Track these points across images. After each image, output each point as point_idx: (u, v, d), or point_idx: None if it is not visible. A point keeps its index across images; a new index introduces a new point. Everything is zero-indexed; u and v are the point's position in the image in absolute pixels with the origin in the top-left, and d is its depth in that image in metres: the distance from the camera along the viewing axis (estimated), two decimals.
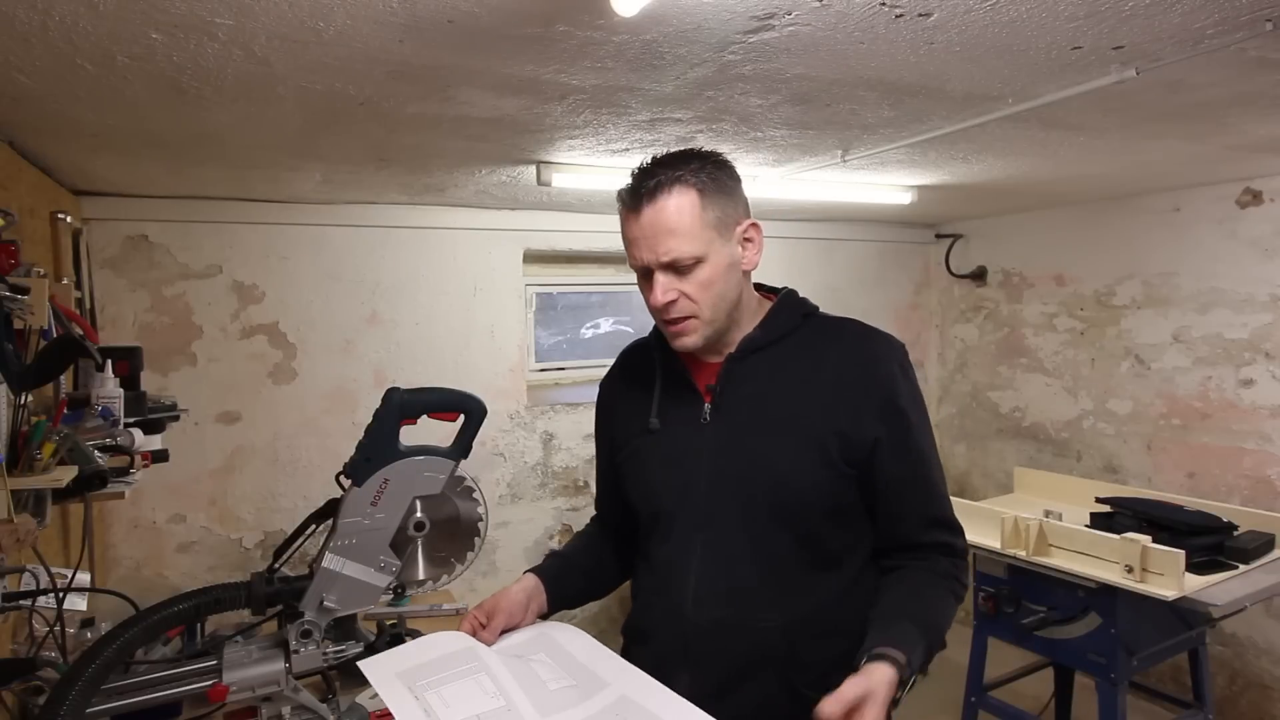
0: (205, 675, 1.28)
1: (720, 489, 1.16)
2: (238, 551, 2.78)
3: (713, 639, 1.16)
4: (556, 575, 1.32)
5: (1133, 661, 2.13)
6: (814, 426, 1.13)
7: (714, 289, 1.12)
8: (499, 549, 3.20)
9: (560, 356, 3.56)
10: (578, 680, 1.10)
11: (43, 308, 1.43)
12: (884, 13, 1.22)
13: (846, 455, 1.12)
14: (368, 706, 1.40)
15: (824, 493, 1.13)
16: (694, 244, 1.09)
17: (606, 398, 1.38)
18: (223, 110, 1.61)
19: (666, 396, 1.24)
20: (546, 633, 1.23)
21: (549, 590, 1.29)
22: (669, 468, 1.21)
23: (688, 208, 1.09)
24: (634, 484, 1.28)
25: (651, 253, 1.10)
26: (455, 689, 1.08)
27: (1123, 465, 3.32)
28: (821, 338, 1.20)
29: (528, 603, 1.25)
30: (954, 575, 1.16)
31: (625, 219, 1.14)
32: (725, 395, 1.18)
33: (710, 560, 1.17)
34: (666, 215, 1.09)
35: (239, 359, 2.76)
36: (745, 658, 1.15)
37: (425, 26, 1.21)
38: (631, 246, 1.13)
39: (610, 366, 1.41)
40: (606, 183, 2.39)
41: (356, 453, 1.30)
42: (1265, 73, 1.55)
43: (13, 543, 1.19)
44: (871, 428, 1.12)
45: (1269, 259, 2.83)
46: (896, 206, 3.09)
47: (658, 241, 1.09)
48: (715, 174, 1.12)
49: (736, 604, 1.15)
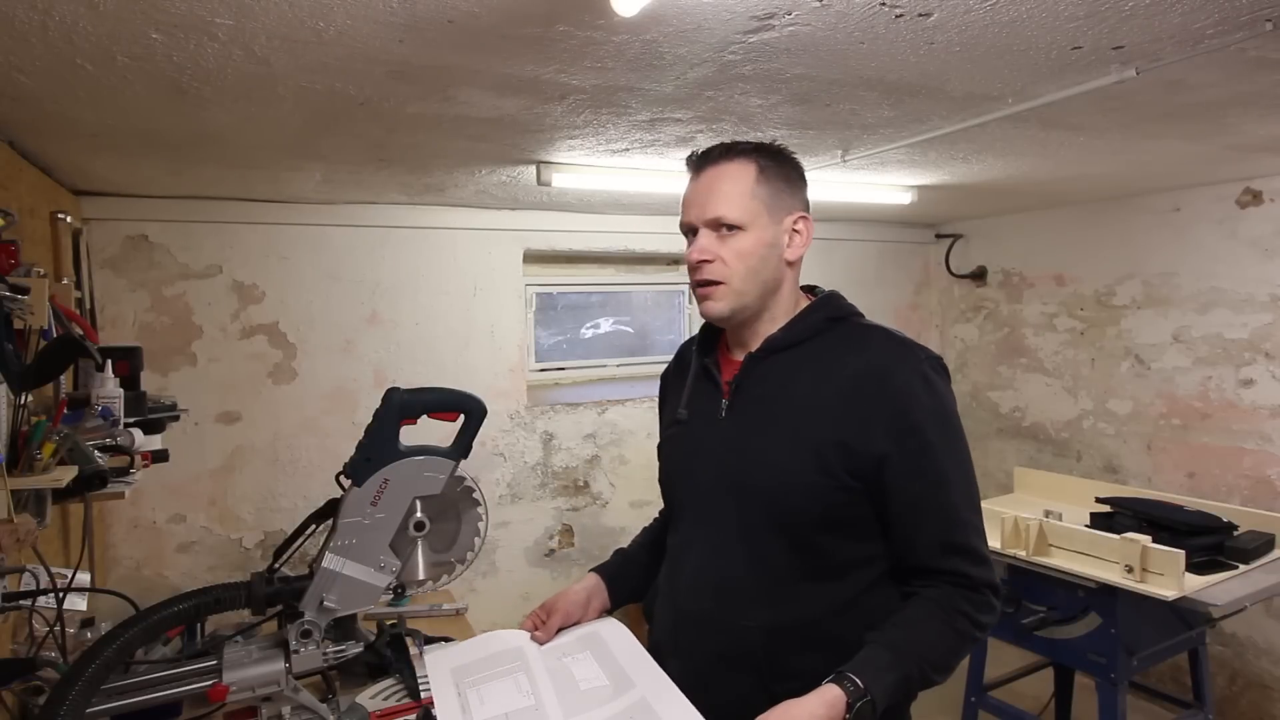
0: (205, 675, 1.28)
1: (721, 486, 1.17)
2: (238, 551, 2.78)
3: (697, 630, 1.18)
4: (616, 572, 1.37)
5: (1133, 661, 2.13)
6: (816, 433, 1.11)
7: (748, 261, 1.14)
8: (499, 549, 3.20)
9: (560, 356, 3.56)
10: (611, 680, 1.13)
11: (43, 308, 1.43)
12: (884, 13, 1.22)
13: (849, 466, 1.09)
14: (368, 706, 1.40)
15: (818, 500, 1.10)
16: (738, 211, 1.13)
17: (662, 390, 1.42)
18: (223, 110, 1.61)
19: (696, 389, 1.27)
20: (596, 630, 1.27)
21: (610, 587, 1.33)
22: (687, 459, 1.25)
23: (742, 177, 1.14)
24: (661, 473, 1.33)
25: (700, 209, 1.15)
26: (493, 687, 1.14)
27: (1123, 465, 3.32)
28: (844, 345, 1.17)
29: (588, 601, 1.30)
30: (962, 609, 1.08)
31: (687, 186, 1.20)
32: (740, 393, 1.19)
33: (705, 554, 1.19)
34: (721, 179, 1.15)
35: (239, 359, 2.76)
36: (725, 654, 1.16)
37: (425, 26, 1.21)
38: (684, 209, 1.19)
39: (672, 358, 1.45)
40: (606, 183, 2.39)
41: (356, 453, 1.30)
42: (1265, 73, 1.55)
43: (13, 543, 1.19)
44: (879, 443, 1.08)
45: (1269, 259, 2.83)
46: (896, 206, 3.09)
47: (707, 200, 1.15)
48: (780, 160, 1.18)
49: (721, 600, 1.16)
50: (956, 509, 1.11)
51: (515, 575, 3.24)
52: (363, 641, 1.39)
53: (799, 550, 1.13)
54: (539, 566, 3.27)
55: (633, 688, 1.10)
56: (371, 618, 1.82)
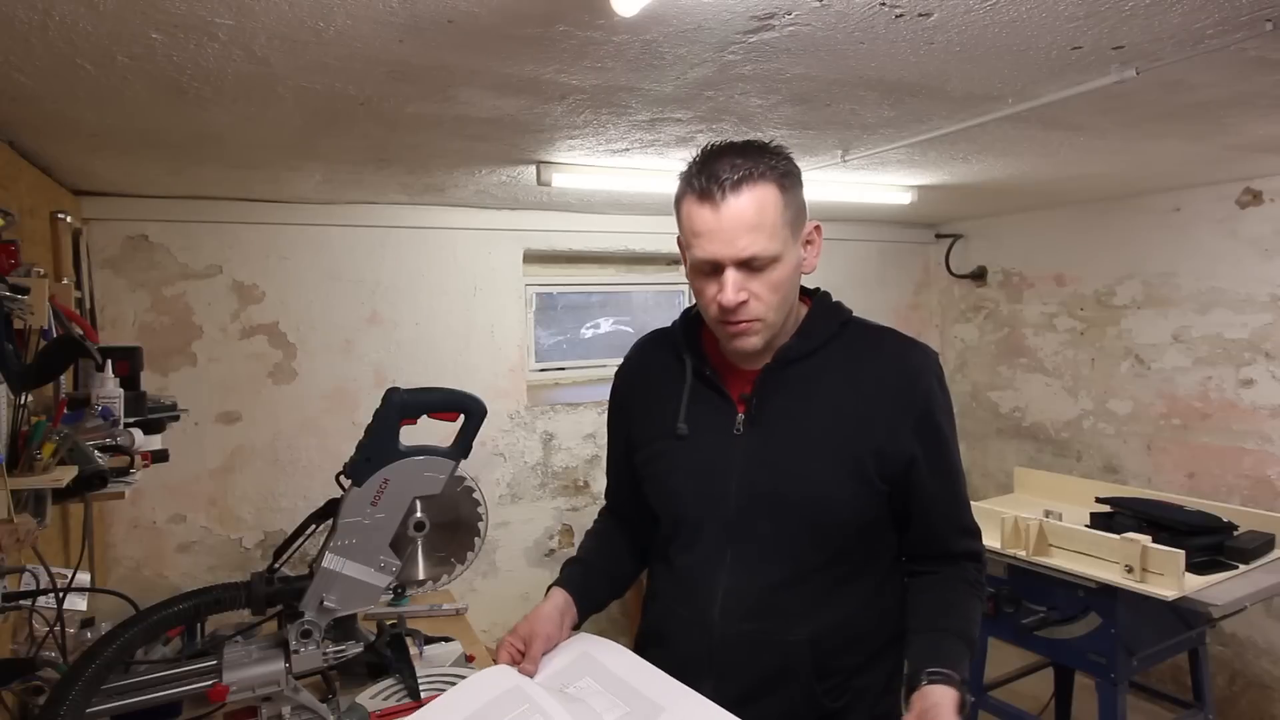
0: (205, 675, 1.28)
1: (754, 503, 1.13)
2: (238, 551, 2.78)
3: (739, 650, 1.14)
4: (583, 587, 1.28)
5: (1133, 661, 2.13)
6: (851, 444, 1.11)
7: (782, 291, 1.08)
8: (499, 549, 3.20)
9: (560, 356, 3.56)
10: (631, 706, 1.06)
11: (43, 308, 1.43)
12: (884, 13, 1.22)
13: (882, 471, 1.11)
14: (368, 706, 1.40)
15: (860, 510, 1.12)
16: (774, 242, 1.04)
17: (623, 390, 1.33)
18: (223, 110, 1.61)
19: (696, 401, 1.19)
20: (588, 652, 1.18)
21: (578, 604, 1.26)
22: (698, 477, 1.17)
23: (770, 204, 1.03)
24: (657, 489, 1.24)
25: (729, 247, 1.03)
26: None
27: (1123, 465, 3.32)
28: (859, 348, 1.17)
29: (561, 620, 1.22)
30: (979, 581, 1.19)
31: (695, 210, 1.05)
32: (761, 407, 1.15)
33: (740, 573, 1.15)
34: (750, 210, 1.02)
35: (239, 359, 2.76)
36: (771, 670, 1.14)
37: (425, 26, 1.21)
38: (701, 239, 1.05)
39: (626, 356, 1.35)
40: (606, 183, 2.39)
41: (356, 453, 1.30)
42: (1265, 73, 1.55)
43: (13, 543, 1.18)
44: (909, 444, 1.11)
45: (1269, 259, 2.83)
46: (896, 206, 3.09)
47: (737, 236, 1.02)
48: (790, 169, 1.08)
49: (765, 617, 1.13)
50: (962, 493, 1.20)
51: (515, 575, 3.24)
52: (363, 641, 1.39)
53: (836, 558, 1.14)
54: (539, 566, 3.27)
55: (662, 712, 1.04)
56: (371, 618, 1.81)
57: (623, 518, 1.38)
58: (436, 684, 1.49)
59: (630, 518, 1.35)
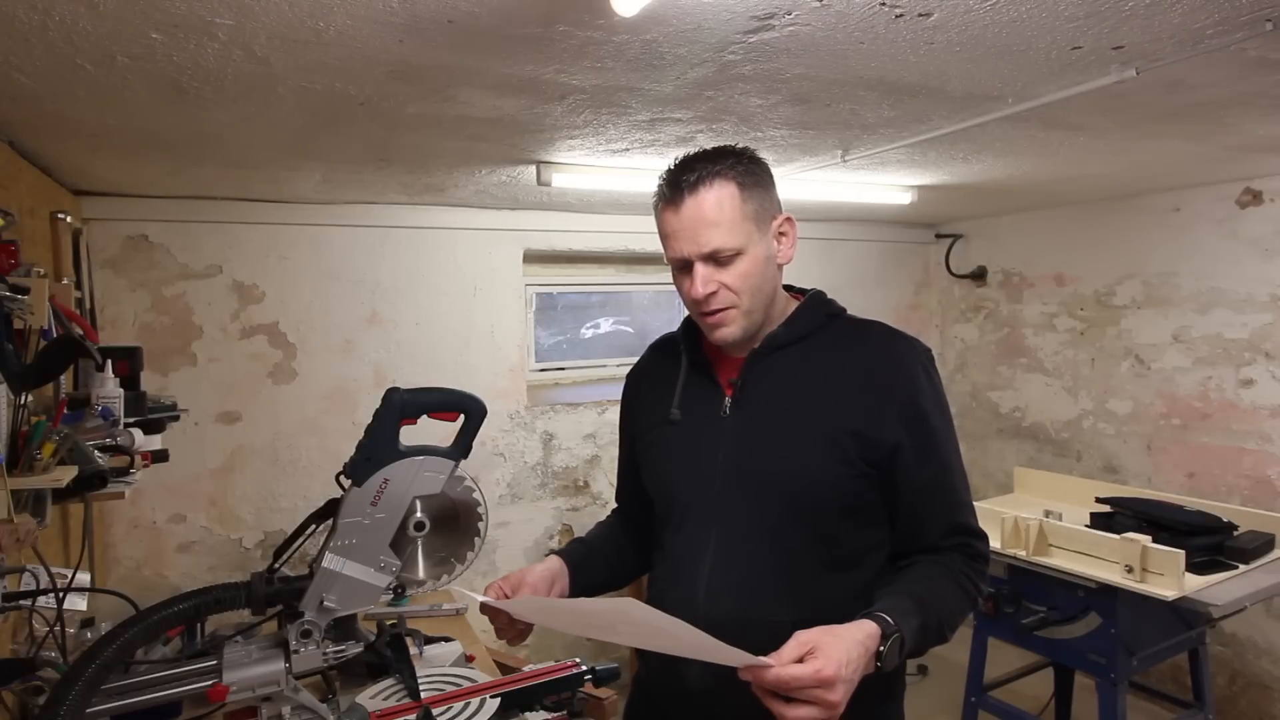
0: (205, 675, 1.28)
1: (735, 483, 1.17)
2: (238, 551, 2.78)
3: (724, 630, 1.14)
4: (580, 561, 1.32)
5: (1133, 661, 2.13)
6: (830, 424, 1.13)
7: (752, 280, 1.13)
8: (499, 549, 3.20)
9: (560, 356, 3.56)
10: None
11: (43, 308, 1.43)
12: (884, 13, 1.22)
13: (864, 455, 1.12)
14: (368, 706, 1.40)
15: (840, 490, 1.13)
16: (734, 236, 1.11)
17: (631, 391, 1.39)
18: (223, 110, 1.61)
19: (689, 389, 1.25)
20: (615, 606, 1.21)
21: (572, 575, 1.29)
22: (685, 458, 1.22)
23: (728, 200, 1.11)
24: (651, 474, 1.29)
25: (692, 244, 1.11)
26: None
27: (1123, 465, 3.32)
28: (846, 338, 1.21)
29: (552, 582, 1.26)
30: (966, 572, 1.15)
31: (663, 213, 1.15)
32: (746, 390, 1.19)
33: (724, 553, 1.17)
34: (707, 207, 1.10)
35: (239, 359, 2.76)
36: (756, 650, 1.14)
37: (425, 26, 1.21)
38: (670, 240, 1.14)
39: (638, 359, 1.41)
40: (606, 183, 2.39)
41: (356, 453, 1.30)
42: (1265, 73, 1.55)
43: (13, 543, 1.18)
44: (892, 432, 1.12)
45: (1269, 259, 2.83)
46: (896, 206, 3.09)
47: (698, 233, 1.11)
48: (752, 168, 1.14)
49: (748, 598, 1.15)
50: (958, 491, 1.18)
51: None
52: (363, 641, 1.39)
53: (820, 541, 1.15)
54: None
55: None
56: (371, 618, 1.82)
57: (630, 517, 1.40)
58: (436, 684, 1.49)
59: (637, 517, 1.37)
